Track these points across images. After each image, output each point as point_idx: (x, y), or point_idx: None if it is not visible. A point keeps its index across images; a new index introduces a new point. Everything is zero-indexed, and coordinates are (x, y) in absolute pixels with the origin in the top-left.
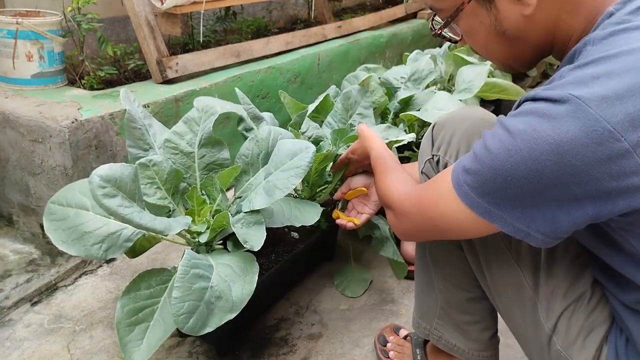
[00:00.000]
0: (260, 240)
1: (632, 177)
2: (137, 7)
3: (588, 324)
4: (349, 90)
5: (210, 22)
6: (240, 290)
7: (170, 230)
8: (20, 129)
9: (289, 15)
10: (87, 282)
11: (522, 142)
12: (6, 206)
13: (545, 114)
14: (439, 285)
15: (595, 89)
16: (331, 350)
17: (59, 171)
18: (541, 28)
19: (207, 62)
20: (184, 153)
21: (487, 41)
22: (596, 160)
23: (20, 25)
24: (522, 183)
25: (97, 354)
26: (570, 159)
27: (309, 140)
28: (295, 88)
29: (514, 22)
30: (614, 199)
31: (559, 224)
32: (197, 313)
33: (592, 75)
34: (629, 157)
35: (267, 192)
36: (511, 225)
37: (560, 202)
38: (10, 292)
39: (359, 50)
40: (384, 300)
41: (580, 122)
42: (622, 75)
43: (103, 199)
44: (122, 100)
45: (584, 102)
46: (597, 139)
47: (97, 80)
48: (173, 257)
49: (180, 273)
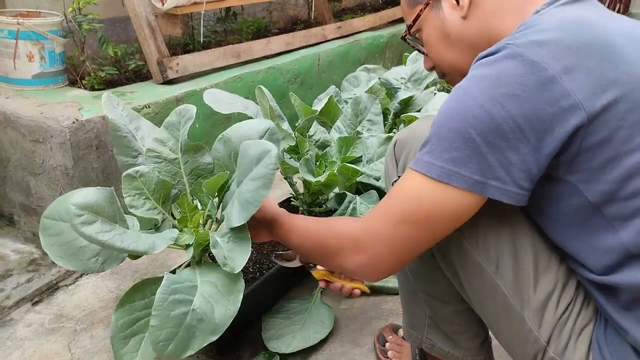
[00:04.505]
0: (241, 262)
1: (561, 100)
2: (137, 8)
3: (578, 326)
4: (359, 95)
5: (210, 23)
6: (223, 311)
7: (154, 249)
8: (21, 129)
9: (289, 15)
10: (87, 282)
11: (469, 86)
12: (7, 206)
13: (487, 62)
14: (424, 299)
15: (526, 38)
16: (331, 349)
17: (59, 171)
18: (476, 30)
19: (207, 63)
20: (168, 160)
21: (439, 47)
22: (531, 87)
23: (21, 25)
24: (474, 125)
25: (97, 354)
26: (512, 89)
27: (316, 144)
28: (295, 88)
29: (455, 26)
30: (551, 126)
31: (511, 167)
32: (176, 340)
33: (522, 34)
34: (556, 82)
35: (242, 206)
36: (469, 180)
37: (509, 140)
38: (11, 292)
39: (359, 51)
40: (384, 299)
41: (514, 59)
42: (547, 32)
43: (81, 227)
44: (104, 107)
45: (517, 46)
46: (529, 70)
47: (98, 81)
48: (173, 257)
49: (157, 301)
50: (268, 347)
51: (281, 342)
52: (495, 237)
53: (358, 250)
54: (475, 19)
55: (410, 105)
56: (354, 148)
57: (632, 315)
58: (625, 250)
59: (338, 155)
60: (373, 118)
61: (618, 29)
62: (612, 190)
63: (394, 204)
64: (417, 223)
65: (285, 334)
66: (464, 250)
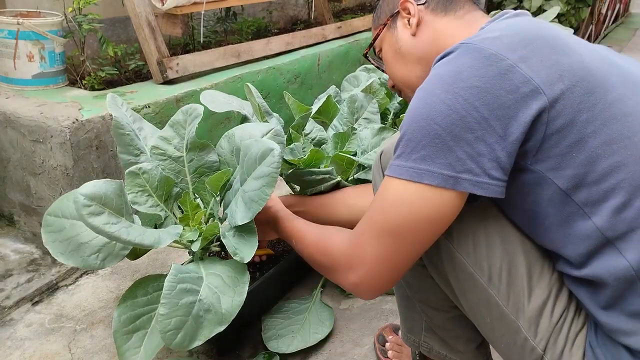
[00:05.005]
0: (250, 252)
1: (521, 87)
2: (137, 8)
3: (573, 331)
4: (354, 94)
5: (210, 23)
6: (230, 302)
7: (159, 243)
8: (22, 129)
9: (289, 15)
10: (87, 282)
11: (430, 85)
12: (7, 206)
13: (445, 61)
14: (419, 306)
15: (478, 37)
16: (331, 349)
17: (59, 171)
18: (424, 45)
19: (207, 63)
20: (172, 158)
21: (392, 62)
22: (491, 77)
23: (21, 25)
24: (438, 121)
25: (98, 353)
26: (472, 82)
27: (313, 142)
28: (295, 88)
29: (405, 42)
30: (515, 112)
31: (480, 158)
32: (185, 328)
33: (475, 35)
34: (514, 70)
35: (246, 205)
36: (440, 176)
37: (475, 132)
38: (12, 292)
39: (359, 51)
40: (384, 299)
41: (470, 55)
42: (498, 31)
43: (88, 217)
44: (108, 106)
45: (472, 43)
46: (487, 62)
47: (98, 81)
48: (174, 257)
49: (166, 289)
50: (268, 347)
51: (281, 342)
52: (486, 247)
53: (350, 271)
54: (424, 36)
55: None
56: (349, 144)
57: (616, 313)
58: (601, 235)
59: (334, 152)
60: (369, 116)
61: (561, 30)
62: (580, 174)
63: (374, 214)
64: (399, 231)
65: (285, 334)
66: (456, 262)
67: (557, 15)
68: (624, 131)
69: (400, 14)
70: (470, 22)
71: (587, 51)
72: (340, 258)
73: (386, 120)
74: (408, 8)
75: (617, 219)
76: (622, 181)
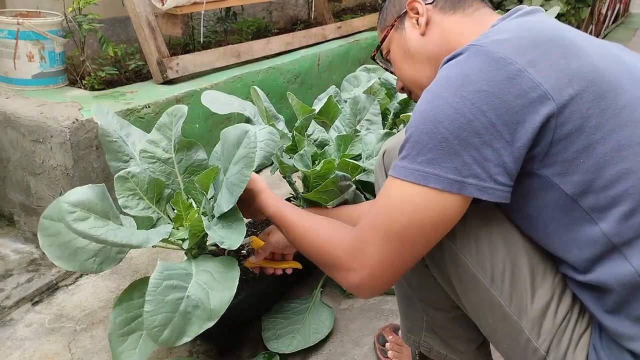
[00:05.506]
0: (238, 238)
1: (529, 92)
2: (137, 8)
3: (576, 333)
4: (357, 95)
5: (210, 23)
6: (219, 297)
7: (147, 243)
8: (22, 129)
9: (289, 15)
10: (87, 282)
11: (438, 88)
12: (7, 206)
13: (453, 63)
14: (419, 306)
15: (487, 39)
16: (331, 349)
17: (59, 171)
18: (433, 45)
19: (207, 63)
20: (162, 160)
21: (401, 63)
22: (499, 81)
23: (21, 25)
24: (445, 124)
25: (98, 353)
26: (480, 86)
27: (315, 143)
28: (295, 88)
29: (414, 42)
30: (522, 118)
31: (487, 163)
32: (172, 325)
33: (484, 36)
34: (523, 75)
35: (229, 190)
36: (446, 180)
37: (482, 136)
38: (12, 292)
39: (359, 51)
40: (384, 299)
41: (479, 57)
42: (507, 32)
43: (74, 223)
44: (94, 115)
45: (480, 45)
46: (495, 65)
47: (98, 81)
48: (173, 257)
49: (151, 286)
50: (268, 347)
51: (281, 342)
52: (489, 248)
53: (351, 270)
54: (432, 35)
55: (410, 106)
56: (352, 146)
57: (621, 318)
58: (607, 241)
59: (337, 154)
60: (372, 118)
61: (571, 30)
62: (587, 180)
63: (378, 214)
64: (403, 233)
65: (285, 334)
66: (459, 262)
67: (557, 15)
68: (634, 137)
69: (408, 14)
70: (480, 20)
71: (597, 50)
72: (342, 257)
73: (386, 121)
74: (416, 8)
75: (624, 226)
76: (631, 188)
